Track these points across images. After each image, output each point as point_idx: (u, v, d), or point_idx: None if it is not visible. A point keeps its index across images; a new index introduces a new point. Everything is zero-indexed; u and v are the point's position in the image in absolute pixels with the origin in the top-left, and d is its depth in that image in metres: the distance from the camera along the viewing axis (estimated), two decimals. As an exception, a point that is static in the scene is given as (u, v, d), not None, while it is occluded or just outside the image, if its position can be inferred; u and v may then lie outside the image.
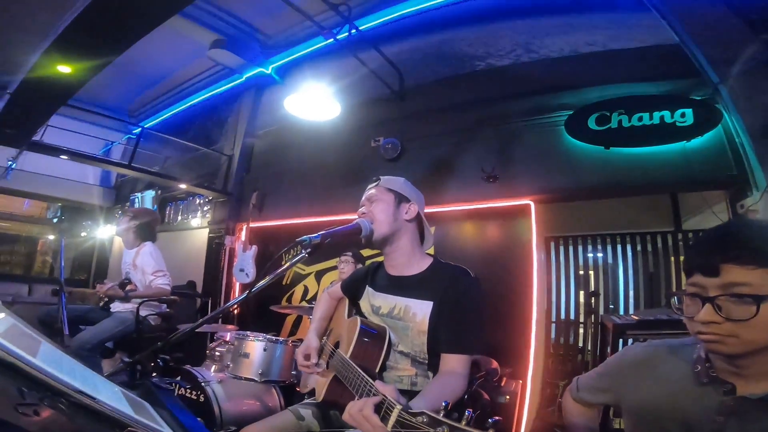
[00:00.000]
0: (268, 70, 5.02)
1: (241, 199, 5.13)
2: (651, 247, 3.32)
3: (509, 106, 3.56)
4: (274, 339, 2.39)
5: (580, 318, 3.42)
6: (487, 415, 1.59)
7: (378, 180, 1.47)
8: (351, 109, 4.14)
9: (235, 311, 4.64)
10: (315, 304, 1.78)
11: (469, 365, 1.26)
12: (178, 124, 6.29)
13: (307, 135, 4.46)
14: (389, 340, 1.33)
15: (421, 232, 1.47)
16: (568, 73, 3.39)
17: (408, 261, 1.41)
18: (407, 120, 4.04)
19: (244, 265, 4.45)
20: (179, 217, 5.97)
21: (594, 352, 3.10)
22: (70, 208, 7.43)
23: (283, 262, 1.38)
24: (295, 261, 1.23)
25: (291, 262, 1.25)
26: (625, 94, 3.09)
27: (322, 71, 4.23)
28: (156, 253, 2.96)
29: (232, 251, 4.87)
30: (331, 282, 3.63)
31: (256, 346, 2.33)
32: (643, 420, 1.01)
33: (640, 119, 2.97)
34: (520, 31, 3.68)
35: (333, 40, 3.58)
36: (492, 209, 3.48)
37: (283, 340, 2.41)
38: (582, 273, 3.50)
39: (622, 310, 3.29)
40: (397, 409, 0.80)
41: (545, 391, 3.17)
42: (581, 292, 3.48)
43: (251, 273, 4.37)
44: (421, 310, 1.31)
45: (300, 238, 1.20)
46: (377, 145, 4.06)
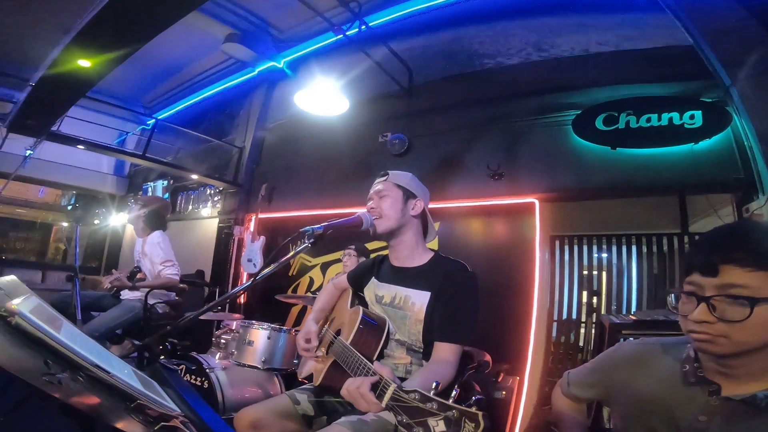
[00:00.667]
0: (281, 64, 5.07)
1: (251, 190, 5.22)
2: (656, 249, 3.31)
3: (517, 105, 3.57)
4: (277, 328, 2.45)
5: (582, 317, 3.44)
6: (476, 404, 1.65)
7: (386, 174, 1.53)
8: (360, 104, 4.19)
9: (241, 300, 4.74)
10: (319, 293, 1.83)
11: (459, 355, 1.32)
12: (192, 115, 6.39)
13: (317, 129, 4.52)
14: (388, 330, 1.41)
15: (425, 227, 1.55)
16: (577, 73, 3.38)
17: (411, 254, 1.49)
18: (415, 116, 4.07)
19: (252, 255, 4.54)
20: (190, 207, 6.08)
21: (594, 351, 3.12)
22: (84, 196, 7.58)
23: (289, 252, 1.44)
24: (298, 251, 1.30)
25: (294, 252, 1.32)
26: (635, 94, 3.08)
27: (332, 66, 4.27)
28: (165, 243, 3.01)
29: (240, 241, 4.96)
30: (336, 273, 3.70)
31: (260, 335, 2.41)
32: (630, 417, 1.03)
33: (648, 120, 2.96)
34: (531, 29, 3.68)
35: (342, 36, 3.60)
36: (497, 206, 3.50)
37: (287, 329, 2.48)
38: (586, 273, 3.50)
39: (625, 311, 3.29)
40: (392, 387, 0.86)
41: (543, 389, 3.20)
42: (584, 292, 3.49)
43: (259, 263, 4.46)
44: (419, 300, 1.39)
45: (303, 228, 1.27)
46: (385, 141, 4.09)
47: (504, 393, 2.67)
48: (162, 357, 1.29)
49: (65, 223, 8.23)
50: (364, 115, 4.28)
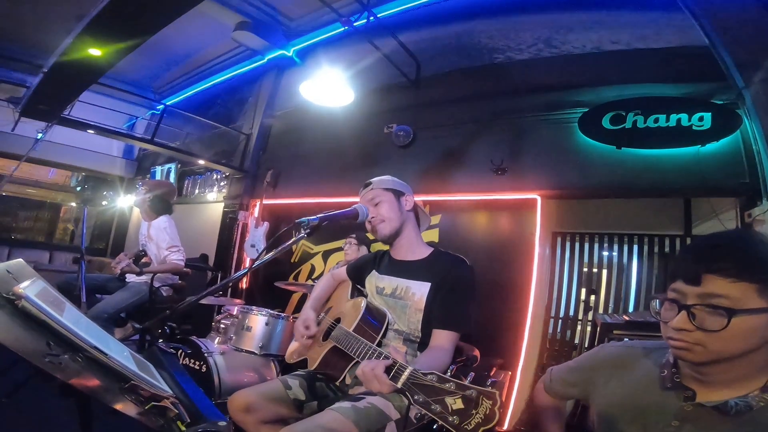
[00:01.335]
0: (290, 53, 5.07)
1: (257, 176, 5.27)
2: (658, 250, 3.29)
3: (524, 100, 3.55)
4: (276, 314, 2.50)
5: (579, 315, 3.45)
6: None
7: (371, 184, 1.62)
8: (366, 94, 4.19)
9: (243, 286, 4.81)
10: (317, 282, 1.89)
11: (455, 342, 1.39)
12: (201, 101, 6.42)
13: (323, 118, 4.53)
14: (388, 321, 1.48)
15: (417, 218, 1.65)
16: (588, 71, 3.35)
17: (411, 248, 1.58)
18: (421, 108, 4.06)
19: (255, 240, 4.60)
20: (196, 191, 6.16)
21: (588, 350, 3.13)
22: (94, 178, 7.69)
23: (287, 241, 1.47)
24: (293, 241, 1.34)
25: (289, 243, 1.36)
26: (645, 94, 3.05)
27: (341, 56, 4.26)
28: (171, 228, 3.06)
29: (244, 226, 5.03)
30: (337, 263, 3.74)
31: (258, 320, 2.46)
32: (605, 417, 1.03)
33: (656, 121, 2.94)
34: (542, 25, 3.63)
35: (349, 27, 3.60)
36: (499, 201, 3.51)
37: (285, 315, 2.53)
38: (586, 270, 3.50)
39: (624, 311, 3.30)
40: (408, 369, 0.92)
41: (536, 385, 3.23)
42: (583, 290, 3.49)
43: (261, 249, 4.52)
44: (419, 290, 1.47)
45: (300, 219, 1.31)
46: (390, 132, 4.09)
47: (495, 387, 2.71)
48: (161, 340, 1.34)
49: (74, 204, 8.35)
50: (371, 105, 4.29)
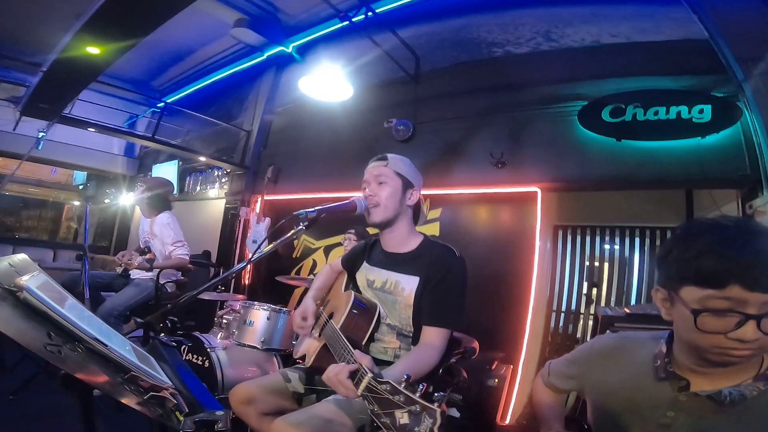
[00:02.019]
0: (289, 49, 5.06)
1: (258, 172, 5.28)
2: (660, 242, 3.29)
3: (524, 94, 3.55)
4: (277, 309, 2.51)
5: (581, 309, 3.45)
6: (463, 390, 1.70)
7: (386, 159, 1.51)
8: (366, 89, 4.18)
9: (246, 281, 4.84)
10: (317, 274, 1.87)
11: (446, 339, 1.35)
12: (201, 99, 6.42)
13: (323, 113, 4.53)
14: (378, 314, 1.44)
15: (417, 213, 1.57)
16: (587, 64, 3.34)
17: (402, 240, 1.51)
18: (420, 103, 4.05)
19: (257, 236, 4.62)
20: (198, 188, 6.17)
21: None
22: (96, 176, 7.71)
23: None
24: (292, 234, 1.33)
25: (288, 236, 1.35)
26: (645, 87, 3.04)
27: (340, 51, 4.26)
28: (174, 224, 3.08)
29: (246, 222, 5.04)
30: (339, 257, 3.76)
31: (260, 315, 2.47)
32: (600, 409, 1.04)
33: (656, 113, 2.93)
34: (541, 19, 3.62)
35: (347, 23, 3.59)
36: (499, 194, 3.51)
37: (286, 310, 2.54)
38: (588, 264, 3.50)
39: (625, 304, 3.30)
40: (367, 377, 0.90)
41: (535, 379, 3.23)
42: (584, 283, 3.49)
43: (263, 245, 4.53)
44: (408, 285, 1.42)
45: (298, 211, 1.30)
46: (390, 126, 4.09)
47: (497, 381, 2.72)
48: (162, 334, 1.35)
49: (77, 202, 8.38)
50: (370, 100, 4.29)
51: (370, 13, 3.67)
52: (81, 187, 7.92)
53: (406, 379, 0.84)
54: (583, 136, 3.20)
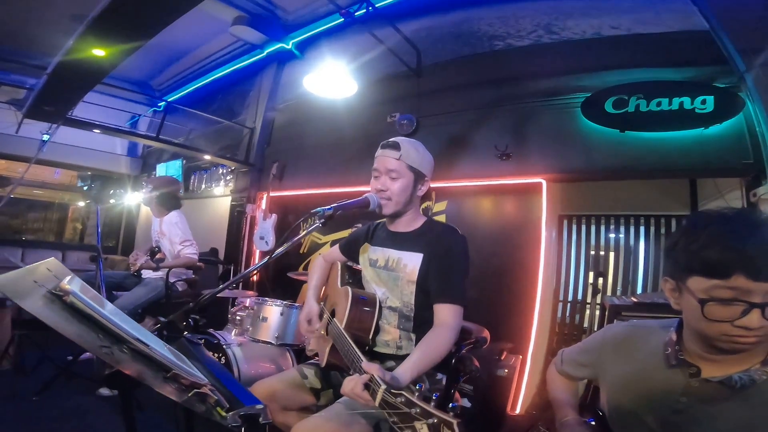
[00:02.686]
0: (289, 46, 5.06)
1: (262, 169, 5.31)
2: (665, 230, 3.31)
3: (526, 87, 3.56)
4: (290, 305, 2.56)
5: (588, 298, 3.48)
6: (473, 381, 1.74)
7: (398, 149, 1.48)
8: (368, 85, 4.19)
9: (255, 278, 4.88)
10: (310, 268, 1.87)
11: (461, 316, 1.36)
12: (202, 97, 6.42)
13: (326, 109, 4.55)
14: (379, 304, 1.47)
15: (425, 196, 1.61)
16: (588, 56, 3.34)
17: (408, 221, 1.56)
18: (423, 97, 4.06)
19: (264, 232, 4.66)
20: (203, 186, 6.20)
21: (597, 332, 3.17)
22: (100, 177, 7.74)
23: (301, 231, 1.52)
24: (310, 230, 1.39)
25: (306, 232, 1.41)
26: (647, 79, 3.05)
27: (341, 47, 4.26)
28: (182, 223, 3.11)
29: (253, 219, 5.08)
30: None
31: (273, 311, 2.52)
32: (614, 397, 1.05)
33: (659, 104, 2.94)
34: (542, 12, 3.61)
35: (347, 18, 3.58)
36: (504, 186, 3.54)
37: (299, 305, 2.59)
38: (593, 253, 3.51)
39: (632, 293, 3.33)
40: (381, 389, 0.92)
41: (547, 369, 3.28)
42: (590, 273, 3.51)
43: (271, 241, 4.58)
44: (411, 261, 1.45)
45: (315, 209, 1.35)
46: (393, 121, 4.11)
47: (506, 371, 2.76)
48: (186, 333, 1.39)
49: (82, 203, 8.42)
50: (373, 95, 4.30)
51: (370, 8, 3.66)
52: (85, 188, 7.95)
53: (419, 388, 0.87)
54: (586, 127, 3.22)
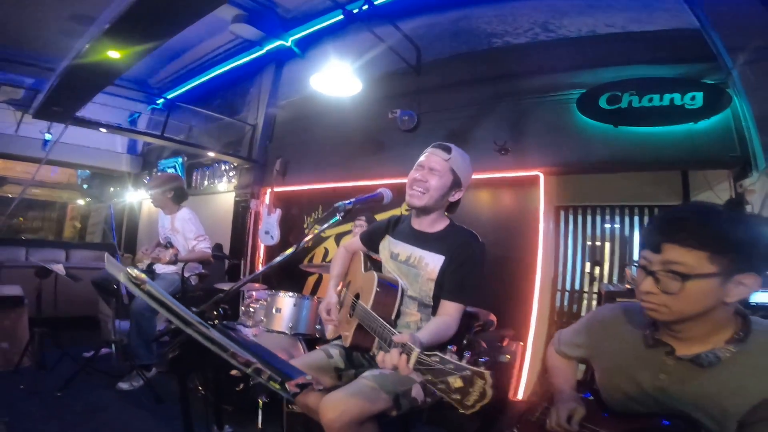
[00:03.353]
0: (288, 43, 5.11)
1: (265, 165, 5.39)
2: (660, 220, 3.42)
3: (523, 83, 3.67)
4: (302, 296, 2.67)
5: (585, 287, 3.60)
6: (484, 364, 1.88)
7: (449, 152, 1.60)
8: (369, 81, 4.26)
9: (266, 270, 4.96)
10: (333, 259, 1.97)
11: (462, 312, 1.52)
12: (202, 94, 6.46)
13: (327, 106, 4.62)
14: (402, 289, 1.59)
15: (453, 205, 1.72)
16: (584, 54, 3.45)
17: (431, 222, 1.66)
18: (424, 93, 4.16)
19: (269, 227, 4.76)
20: (206, 182, 6.28)
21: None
22: (100, 175, 7.76)
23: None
24: (331, 223, 1.52)
25: (328, 224, 1.54)
26: (639, 75, 3.16)
27: (341, 44, 4.33)
28: (195, 219, 3.21)
29: (257, 214, 5.16)
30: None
31: (287, 302, 2.62)
32: (604, 375, 1.16)
33: (651, 100, 3.06)
34: (539, 10, 3.71)
35: (345, 16, 3.65)
36: (503, 179, 3.66)
37: (309, 296, 2.70)
38: (590, 243, 3.61)
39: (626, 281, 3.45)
40: (415, 352, 1.01)
41: (547, 348, 3.41)
42: (587, 263, 3.60)
43: (276, 235, 4.68)
44: (433, 262, 1.57)
45: (337, 203, 1.49)
46: (394, 117, 4.19)
47: (508, 357, 2.89)
48: (217, 322, 1.50)
49: (81, 202, 8.44)
50: (374, 92, 4.38)
51: (366, 6, 3.71)
52: (85, 186, 7.97)
53: (450, 349, 0.97)
54: (581, 122, 3.34)
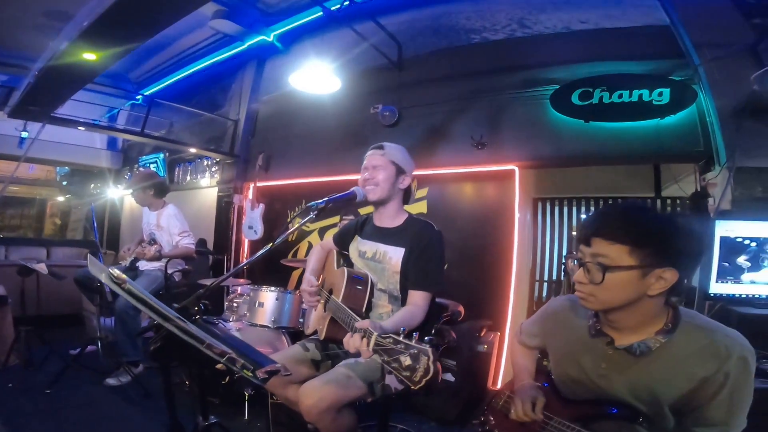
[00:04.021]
0: (270, 38, 5.09)
1: (248, 160, 5.39)
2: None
3: (500, 79, 3.75)
4: (284, 290, 2.73)
5: (562, 277, 3.70)
6: (455, 356, 2.00)
7: (383, 148, 1.77)
8: (351, 77, 4.31)
9: (246, 266, 5.00)
10: (309, 256, 2.09)
11: (429, 300, 1.63)
12: (181, 90, 6.37)
13: (310, 101, 4.63)
14: (371, 283, 1.70)
15: (407, 195, 1.84)
16: (559, 50, 3.55)
17: (391, 216, 1.79)
18: (405, 89, 4.22)
19: (252, 222, 4.78)
20: (188, 178, 6.23)
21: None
22: (79, 172, 7.62)
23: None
24: (304, 222, 1.62)
25: (301, 223, 1.65)
26: (611, 71, 3.26)
27: (323, 39, 4.33)
28: (179, 215, 3.24)
29: (240, 209, 5.17)
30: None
31: (269, 296, 2.69)
32: (556, 363, 1.23)
33: (620, 96, 3.16)
34: (516, 6, 3.77)
35: (323, 13, 3.67)
36: (480, 173, 3.76)
37: (292, 291, 2.77)
38: (567, 234, 3.69)
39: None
40: (374, 336, 1.11)
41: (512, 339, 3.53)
42: (564, 253, 3.71)
43: (259, 230, 4.72)
44: (396, 255, 1.69)
45: (310, 203, 1.57)
46: (376, 112, 4.24)
47: (486, 347, 3.01)
48: (198, 317, 1.56)
49: (61, 198, 8.29)
50: (356, 87, 4.42)
51: (347, 2, 3.75)
52: (65, 183, 7.83)
53: (402, 331, 1.07)
54: (554, 118, 3.44)
